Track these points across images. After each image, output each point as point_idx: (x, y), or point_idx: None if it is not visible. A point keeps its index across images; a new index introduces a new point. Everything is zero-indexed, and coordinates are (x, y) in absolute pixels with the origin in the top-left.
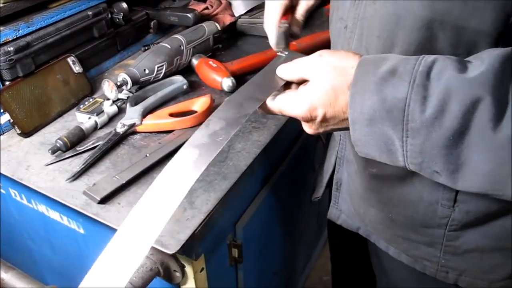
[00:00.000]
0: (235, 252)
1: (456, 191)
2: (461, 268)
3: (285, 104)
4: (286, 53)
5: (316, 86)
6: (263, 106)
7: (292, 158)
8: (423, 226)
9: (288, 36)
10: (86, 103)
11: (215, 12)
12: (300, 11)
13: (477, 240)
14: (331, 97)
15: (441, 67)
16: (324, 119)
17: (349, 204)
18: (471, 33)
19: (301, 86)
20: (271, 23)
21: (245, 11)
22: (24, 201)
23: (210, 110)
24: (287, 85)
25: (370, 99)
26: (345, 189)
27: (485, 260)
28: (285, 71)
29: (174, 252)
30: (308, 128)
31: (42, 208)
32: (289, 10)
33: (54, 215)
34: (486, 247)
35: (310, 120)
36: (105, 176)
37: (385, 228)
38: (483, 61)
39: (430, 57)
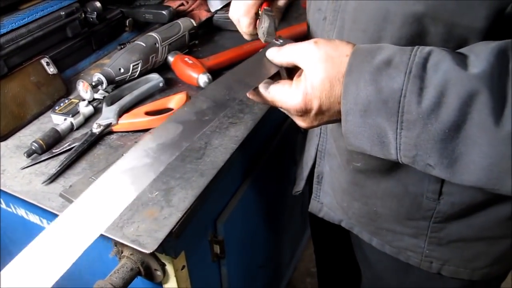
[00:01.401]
0: (216, 248)
1: (441, 183)
2: (444, 257)
3: (278, 95)
4: (281, 41)
5: (311, 77)
6: (255, 93)
7: (272, 151)
8: (408, 218)
9: (276, 24)
10: (62, 104)
11: (190, 8)
12: (280, 3)
13: (461, 230)
14: (326, 88)
15: (437, 58)
16: (320, 111)
17: (331, 197)
18: (463, 29)
19: (295, 77)
20: (248, 10)
21: (221, 6)
22: (3, 205)
23: None
24: (279, 73)
25: (365, 89)
26: (327, 182)
27: (468, 249)
28: (276, 54)
29: (152, 251)
30: (302, 122)
31: (21, 212)
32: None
33: (33, 218)
34: (469, 237)
35: (305, 112)
36: (82, 177)
37: (369, 221)
38: (478, 55)
39: (425, 48)
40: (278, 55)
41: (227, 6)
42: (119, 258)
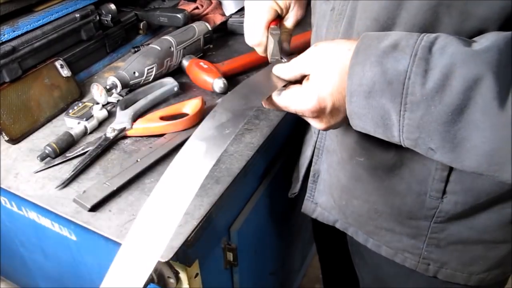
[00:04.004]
0: (230, 256)
1: (446, 182)
2: (442, 260)
3: (291, 100)
4: (285, 60)
5: (319, 76)
6: (269, 101)
7: (286, 158)
8: (409, 217)
9: (283, 44)
10: (75, 107)
11: (205, 12)
12: (290, 23)
13: (462, 232)
14: (336, 83)
15: (444, 42)
16: (334, 107)
17: (327, 196)
18: (477, 20)
19: (304, 80)
20: (258, 27)
21: (236, 10)
22: (15, 208)
23: (201, 112)
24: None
25: (371, 71)
26: (323, 180)
27: (467, 253)
28: (284, 71)
29: (167, 260)
30: (318, 123)
31: (33, 215)
32: (277, 18)
33: (45, 222)
34: (469, 239)
35: (320, 112)
36: (95, 182)
37: (368, 220)
38: (488, 39)
39: (433, 34)
40: (285, 71)
41: (241, 10)
42: None
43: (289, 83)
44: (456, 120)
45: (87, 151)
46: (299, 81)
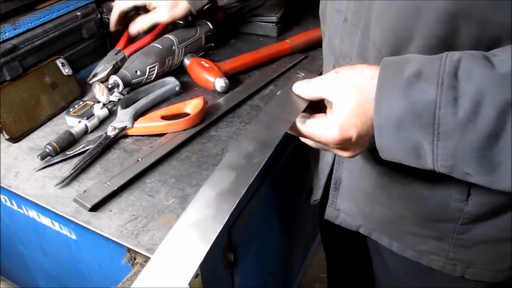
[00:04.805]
0: (230, 256)
1: (469, 184)
2: (469, 260)
3: (315, 130)
4: (302, 74)
5: (341, 107)
6: (293, 128)
7: (287, 158)
8: (434, 221)
9: None
10: (76, 106)
11: None
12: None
13: (488, 231)
14: (359, 114)
15: (468, 65)
16: (359, 137)
17: (350, 203)
18: (496, 27)
19: (328, 109)
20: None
21: (237, 8)
22: (15, 207)
23: (203, 112)
24: (312, 104)
25: (398, 104)
26: (345, 188)
27: (494, 251)
28: (303, 89)
29: None
30: (344, 153)
31: (33, 213)
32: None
33: (45, 220)
34: (496, 238)
35: (345, 143)
36: (96, 182)
37: (393, 225)
38: (509, 55)
39: (454, 55)
40: (305, 89)
41: (243, 8)
42: (132, 265)
43: (310, 103)
44: (492, 144)
45: (87, 150)
46: (319, 103)
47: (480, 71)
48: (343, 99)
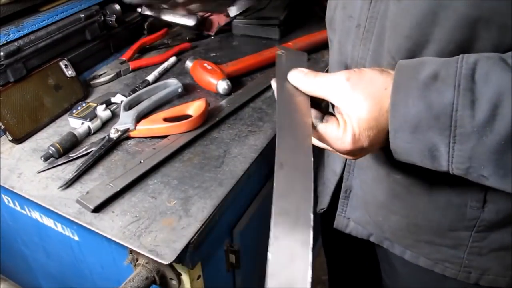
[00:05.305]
0: (232, 258)
1: (485, 191)
2: (484, 267)
3: (326, 136)
4: (283, 51)
5: (355, 119)
6: None
7: None
8: (450, 229)
9: None
10: (79, 107)
11: (209, 13)
12: None
13: (504, 238)
14: (373, 126)
15: (485, 67)
16: (370, 146)
17: (361, 212)
18: None
19: (337, 115)
20: None
21: (240, 11)
22: (18, 208)
23: (205, 114)
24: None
25: (415, 106)
26: (356, 196)
27: (509, 257)
28: (303, 83)
29: (169, 262)
30: (351, 157)
31: (35, 214)
32: None
33: (48, 222)
34: (511, 244)
35: (355, 151)
36: (99, 183)
37: (407, 234)
38: None
39: (470, 58)
40: (306, 84)
41: (246, 11)
42: (134, 266)
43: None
44: (510, 147)
45: (90, 152)
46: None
47: (498, 74)
48: (357, 111)
